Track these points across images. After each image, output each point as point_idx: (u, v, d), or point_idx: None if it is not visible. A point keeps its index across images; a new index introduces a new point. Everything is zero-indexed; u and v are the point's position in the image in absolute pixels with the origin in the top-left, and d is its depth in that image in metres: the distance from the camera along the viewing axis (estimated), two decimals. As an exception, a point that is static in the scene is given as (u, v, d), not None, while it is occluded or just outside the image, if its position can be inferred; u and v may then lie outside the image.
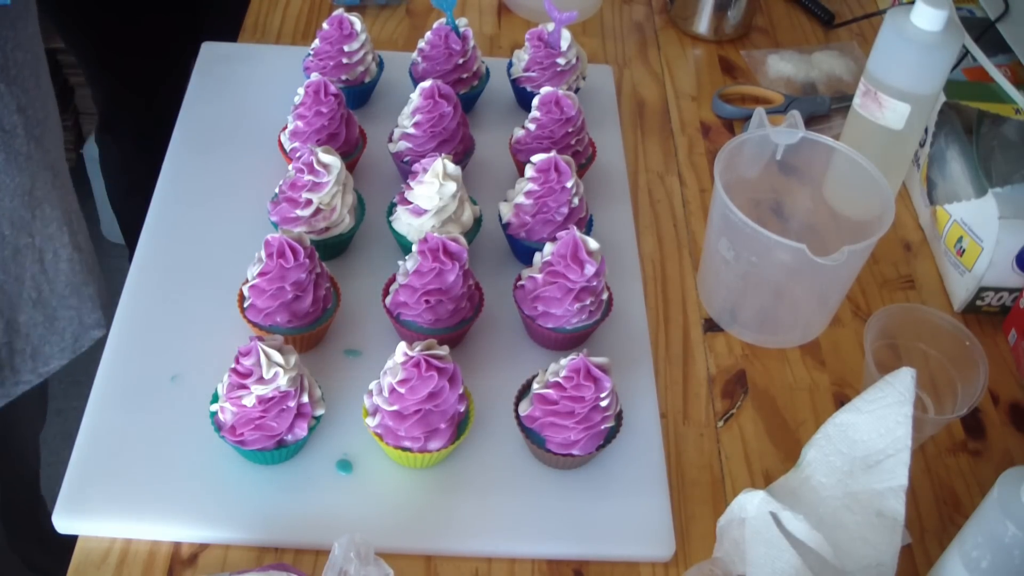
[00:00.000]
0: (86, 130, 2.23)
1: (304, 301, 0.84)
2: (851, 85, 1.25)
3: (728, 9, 1.29)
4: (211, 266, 0.94)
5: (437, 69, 1.08)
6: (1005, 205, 0.93)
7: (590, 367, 0.77)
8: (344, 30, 1.07)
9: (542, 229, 0.93)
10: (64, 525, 0.76)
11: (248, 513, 0.77)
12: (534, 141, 1.01)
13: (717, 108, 1.20)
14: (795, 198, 1.00)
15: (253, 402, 0.75)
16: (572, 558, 0.78)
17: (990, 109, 1.04)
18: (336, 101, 0.98)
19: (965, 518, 0.71)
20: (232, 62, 1.17)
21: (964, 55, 1.12)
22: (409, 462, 0.79)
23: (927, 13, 0.93)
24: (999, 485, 0.66)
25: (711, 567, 0.73)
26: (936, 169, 1.05)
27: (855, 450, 0.74)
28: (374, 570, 0.64)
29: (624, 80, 1.24)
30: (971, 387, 0.84)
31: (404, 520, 0.78)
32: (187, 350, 0.87)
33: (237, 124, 1.09)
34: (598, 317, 0.88)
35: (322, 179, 0.90)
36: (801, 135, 0.94)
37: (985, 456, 0.88)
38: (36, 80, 0.98)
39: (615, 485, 0.81)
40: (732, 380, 0.92)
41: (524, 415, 0.80)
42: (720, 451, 0.86)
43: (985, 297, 0.98)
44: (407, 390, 0.76)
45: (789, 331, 0.95)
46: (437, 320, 0.85)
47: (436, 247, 0.84)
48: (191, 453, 0.80)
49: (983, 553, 0.67)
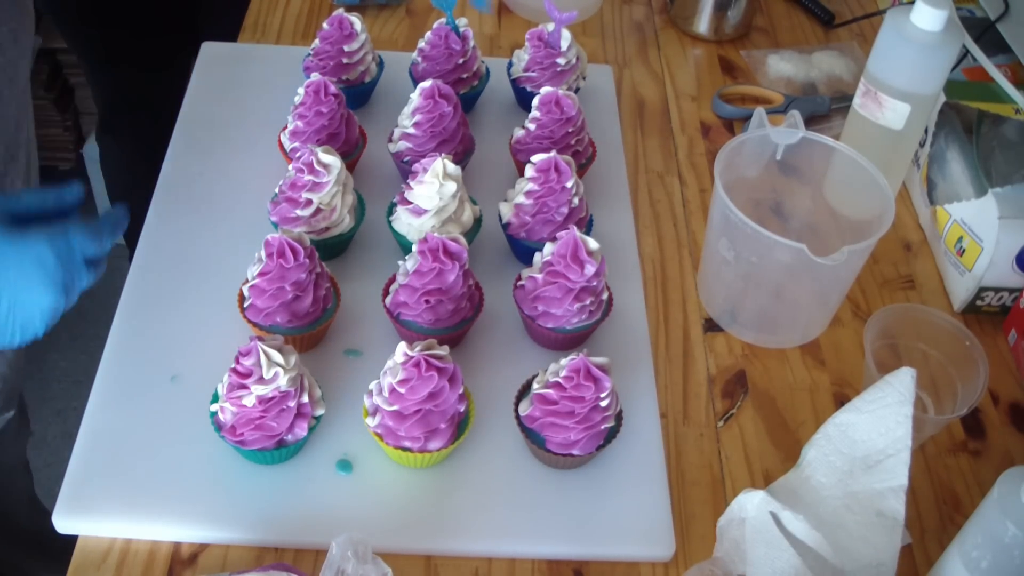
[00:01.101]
0: (86, 130, 2.23)
1: (304, 301, 0.84)
2: (851, 85, 1.25)
3: (728, 9, 1.29)
4: (211, 266, 0.94)
5: (437, 69, 1.08)
6: (1005, 205, 0.93)
7: (590, 367, 0.77)
8: (344, 30, 1.07)
9: (542, 229, 0.93)
10: (64, 525, 0.76)
11: (248, 513, 0.77)
12: (534, 141, 1.01)
13: (717, 108, 1.20)
14: (795, 198, 1.00)
15: (253, 402, 0.75)
16: (572, 558, 0.78)
17: (990, 109, 1.04)
18: (336, 101, 0.98)
19: (965, 518, 0.71)
20: (232, 62, 1.17)
21: (964, 55, 1.12)
22: (409, 462, 0.79)
23: (927, 13, 0.93)
24: (999, 485, 0.66)
25: (711, 567, 0.73)
26: (936, 169, 1.05)
27: (855, 450, 0.74)
28: (372, 569, 0.64)
29: (624, 80, 1.24)
30: (971, 387, 0.84)
31: (404, 520, 0.78)
32: (187, 350, 0.87)
33: (237, 124, 1.09)
34: (598, 317, 0.88)
35: (322, 179, 0.90)
36: (801, 135, 0.94)
37: (985, 456, 0.88)
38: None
39: (615, 485, 0.81)
40: (732, 380, 0.92)
41: (524, 415, 0.80)
42: (720, 451, 0.86)
43: (985, 297, 0.98)
44: (407, 390, 0.76)
45: (789, 331, 0.95)
46: (437, 320, 0.85)
47: (436, 247, 0.84)
48: (191, 453, 0.80)
49: (983, 553, 0.67)
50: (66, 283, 0.66)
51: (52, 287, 0.65)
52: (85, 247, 0.66)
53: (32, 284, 0.64)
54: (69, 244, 0.66)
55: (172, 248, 0.96)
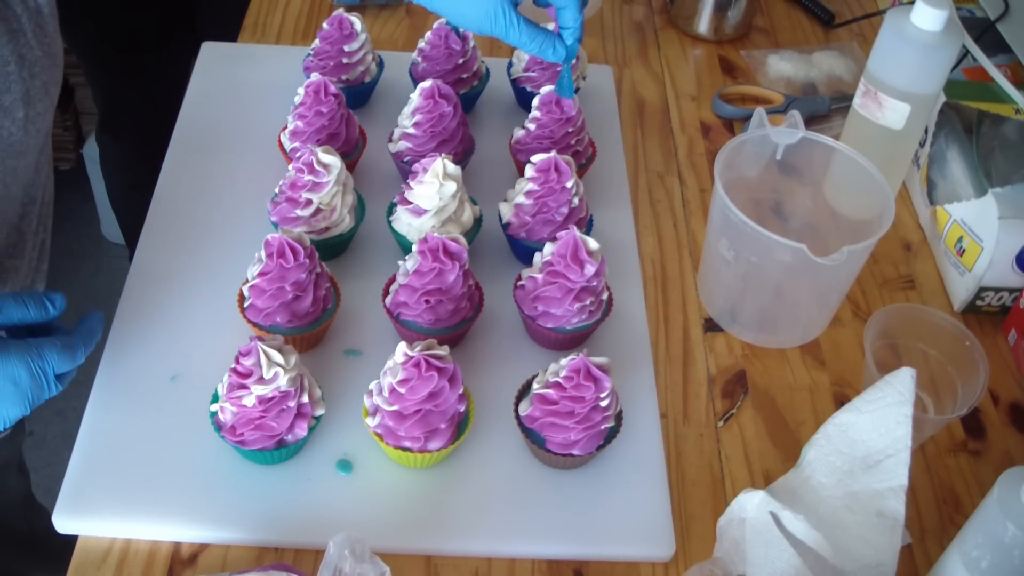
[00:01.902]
0: (86, 130, 2.23)
1: (304, 301, 0.84)
2: (851, 85, 1.25)
3: (728, 9, 1.29)
4: (211, 266, 0.94)
5: (437, 69, 1.08)
6: (1005, 205, 0.93)
7: (590, 367, 0.77)
8: (344, 30, 1.07)
9: (542, 229, 0.93)
10: (64, 525, 0.76)
11: (248, 513, 0.77)
12: (534, 141, 1.01)
13: (717, 108, 1.20)
14: (795, 198, 1.00)
15: (253, 402, 0.75)
16: (572, 558, 0.78)
17: (990, 109, 1.04)
18: (336, 101, 0.98)
19: (965, 518, 0.71)
20: (232, 62, 1.17)
21: (964, 55, 1.12)
22: (409, 462, 0.79)
23: (927, 13, 0.93)
24: (999, 485, 0.66)
25: (711, 567, 0.73)
26: (936, 169, 1.05)
27: (855, 450, 0.74)
28: (369, 568, 0.64)
29: (624, 80, 1.24)
30: (971, 387, 0.84)
31: (404, 520, 0.78)
32: (187, 350, 0.87)
33: (237, 124, 1.09)
34: (598, 317, 0.88)
35: (322, 179, 0.90)
36: (801, 135, 0.94)
37: (985, 456, 0.88)
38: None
39: (615, 485, 0.81)
40: (732, 380, 0.92)
41: (524, 415, 0.80)
42: (720, 451, 0.86)
43: (985, 297, 0.98)
44: (407, 390, 0.76)
45: (789, 331, 0.95)
46: (437, 320, 0.85)
47: (436, 247, 0.84)
48: (191, 453, 0.80)
49: (983, 553, 0.67)
50: (34, 400, 0.70)
51: (21, 404, 0.69)
52: (58, 366, 0.70)
53: (3, 401, 0.68)
54: (43, 364, 0.69)
55: (172, 248, 0.96)
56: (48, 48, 0.82)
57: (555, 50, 0.89)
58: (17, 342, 0.69)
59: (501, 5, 0.85)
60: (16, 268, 0.91)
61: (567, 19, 0.89)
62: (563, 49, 0.90)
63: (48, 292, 0.72)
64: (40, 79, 0.81)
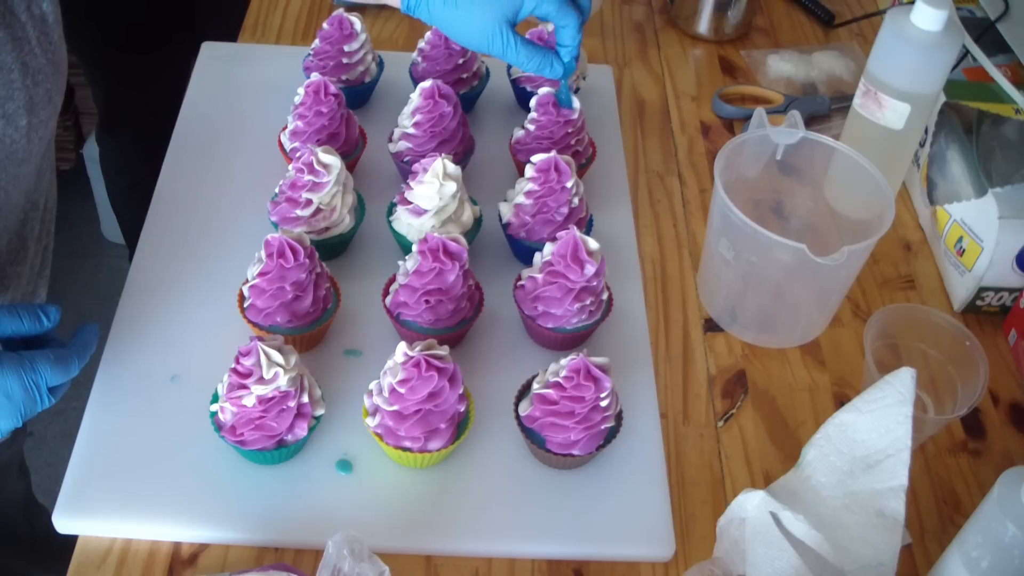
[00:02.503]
0: (86, 130, 2.23)
1: (304, 301, 0.84)
2: (851, 85, 1.25)
3: (728, 9, 1.29)
4: (211, 266, 0.94)
5: (437, 69, 1.08)
6: (1005, 205, 0.93)
7: (590, 367, 0.77)
8: (344, 30, 1.07)
9: (542, 229, 0.93)
10: (64, 525, 0.76)
11: (248, 513, 0.77)
12: (534, 141, 1.01)
13: (717, 108, 1.20)
14: (795, 198, 1.00)
15: (253, 402, 0.75)
16: (572, 558, 0.78)
17: (990, 109, 1.04)
18: (336, 101, 0.98)
19: (965, 518, 0.71)
20: (232, 62, 1.17)
21: (964, 55, 1.12)
22: (409, 462, 0.79)
23: (927, 13, 0.93)
24: (999, 485, 0.66)
25: (711, 567, 0.73)
26: (936, 169, 1.05)
27: (855, 450, 0.74)
28: (368, 567, 0.64)
29: (624, 80, 1.24)
30: (971, 387, 0.84)
31: (404, 520, 0.78)
32: (187, 350, 0.87)
33: (237, 124, 1.09)
34: (598, 317, 0.88)
35: (322, 179, 0.90)
36: (801, 135, 0.94)
37: (985, 456, 0.88)
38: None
39: (615, 485, 0.81)
40: (732, 380, 0.92)
41: (524, 415, 0.80)
42: (720, 451, 0.86)
43: (985, 297, 0.98)
44: (407, 390, 0.76)
45: (789, 331, 0.95)
46: (437, 320, 0.85)
47: (436, 247, 0.84)
48: (191, 453, 0.80)
49: (983, 553, 0.67)
50: (26, 412, 0.70)
51: (14, 416, 0.69)
52: (52, 379, 0.70)
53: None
54: (36, 378, 0.69)
55: (172, 248, 0.96)
56: (52, 56, 0.83)
57: (552, 68, 0.91)
58: (10, 355, 0.69)
59: (499, 25, 0.86)
60: (19, 275, 0.91)
61: (565, 38, 0.90)
62: (560, 67, 0.91)
63: (43, 304, 0.72)
64: (44, 87, 0.81)
